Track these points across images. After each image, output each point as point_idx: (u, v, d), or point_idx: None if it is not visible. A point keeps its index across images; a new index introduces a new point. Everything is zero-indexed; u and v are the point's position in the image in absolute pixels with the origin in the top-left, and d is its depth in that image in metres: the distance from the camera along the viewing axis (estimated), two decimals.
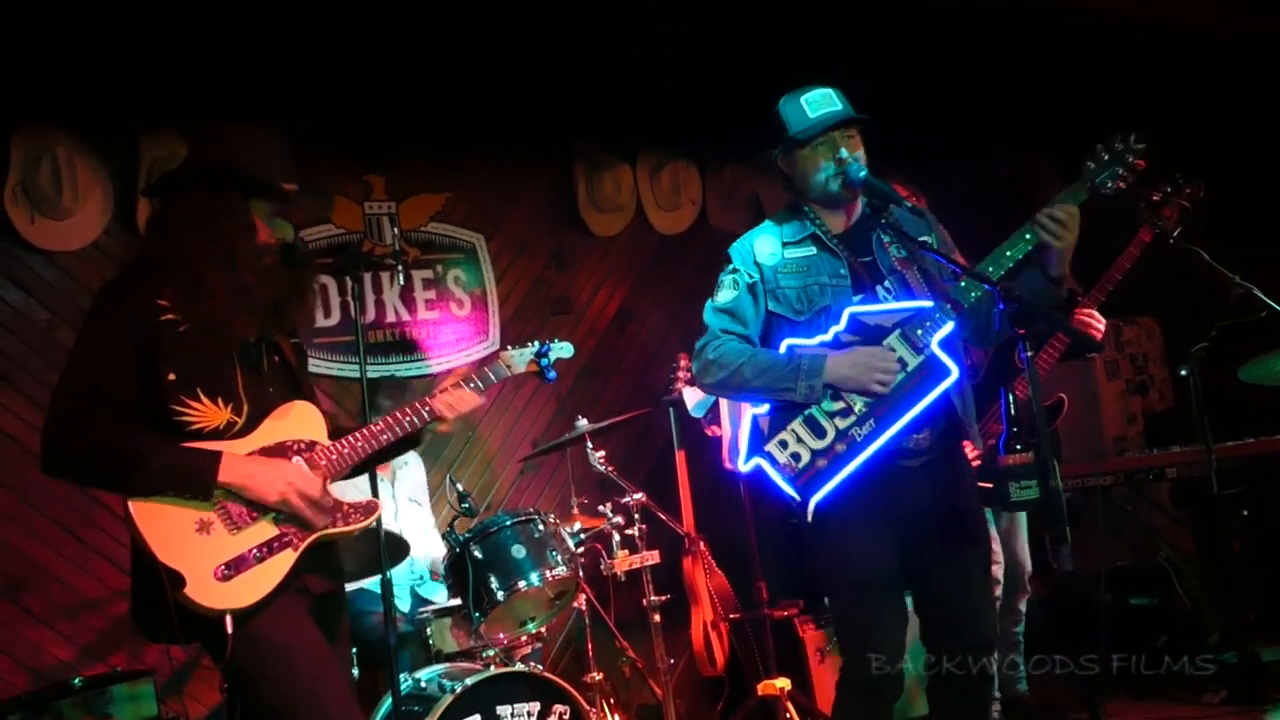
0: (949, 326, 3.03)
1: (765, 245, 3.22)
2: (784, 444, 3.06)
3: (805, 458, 3.04)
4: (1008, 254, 2.99)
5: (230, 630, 2.51)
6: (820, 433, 3.05)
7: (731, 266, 3.23)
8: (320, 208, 5.22)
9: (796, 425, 3.06)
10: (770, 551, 4.89)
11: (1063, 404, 4.65)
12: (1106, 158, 3.00)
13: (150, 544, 2.50)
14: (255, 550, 2.60)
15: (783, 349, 3.12)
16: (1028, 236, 2.99)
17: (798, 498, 3.03)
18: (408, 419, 2.90)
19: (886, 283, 3.15)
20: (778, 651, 4.80)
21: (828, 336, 3.09)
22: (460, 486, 4.30)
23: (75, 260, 4.91)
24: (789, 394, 3.04)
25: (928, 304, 3.06)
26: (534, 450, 5.27)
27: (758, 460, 3.09)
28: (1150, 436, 6.26)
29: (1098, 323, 4.12)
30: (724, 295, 3.21)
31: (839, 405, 3.04)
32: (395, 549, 4.10)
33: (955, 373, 3.03)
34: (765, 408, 3.11)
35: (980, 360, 4.32)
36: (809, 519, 3.01)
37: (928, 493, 3.08)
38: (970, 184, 6.43)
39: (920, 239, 3.16)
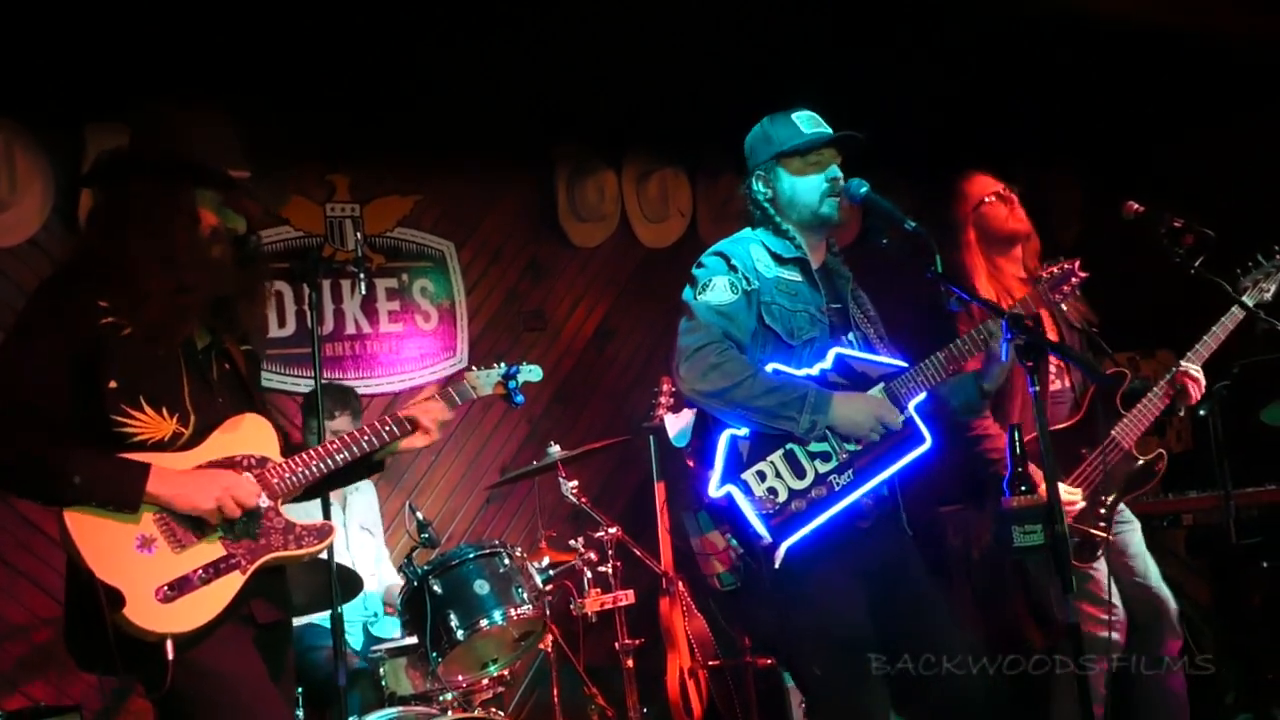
0: (922, 394, 3.17)
1: (760, 254, 3.23)
2: (762, 475, 3.04)
3: (783, 495, 3.03)
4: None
5: (171, 657, 2.48)
6: (800, 473, 3.06)
7: (727, 266, 3.18)
8: (275, 197, 5.18)
9: (777, 458, 3.06)
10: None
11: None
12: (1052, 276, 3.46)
13: (87, 559, 2.49)
14: (200, 571, 2.58)
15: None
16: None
17: (768, 538, 2.97)
18: (366, 438, 2.90)
19: (851, 335, 3.26)
20: (759, 702, 4.83)
21: (814, 371, 3.14)
22: (420, 515, 4.30)
23: (10, 258, 4.88)
24: (789, 423, 3.03)
25: (904, 364, 3.20)
26: (501, 478, 5.28)
27: (730, 488, 3.02)
28: (1165, 480, 6.27)
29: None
30: (720, 296, 3.13)
31: (822, 448, 3.09)
32: (347, 584, 4.08)
33: (929, 442, 3.15)
34: (745, 430, 3.08)
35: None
36: (774, 564, 2.96)
37: (880, 551, 3.16)
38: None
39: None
